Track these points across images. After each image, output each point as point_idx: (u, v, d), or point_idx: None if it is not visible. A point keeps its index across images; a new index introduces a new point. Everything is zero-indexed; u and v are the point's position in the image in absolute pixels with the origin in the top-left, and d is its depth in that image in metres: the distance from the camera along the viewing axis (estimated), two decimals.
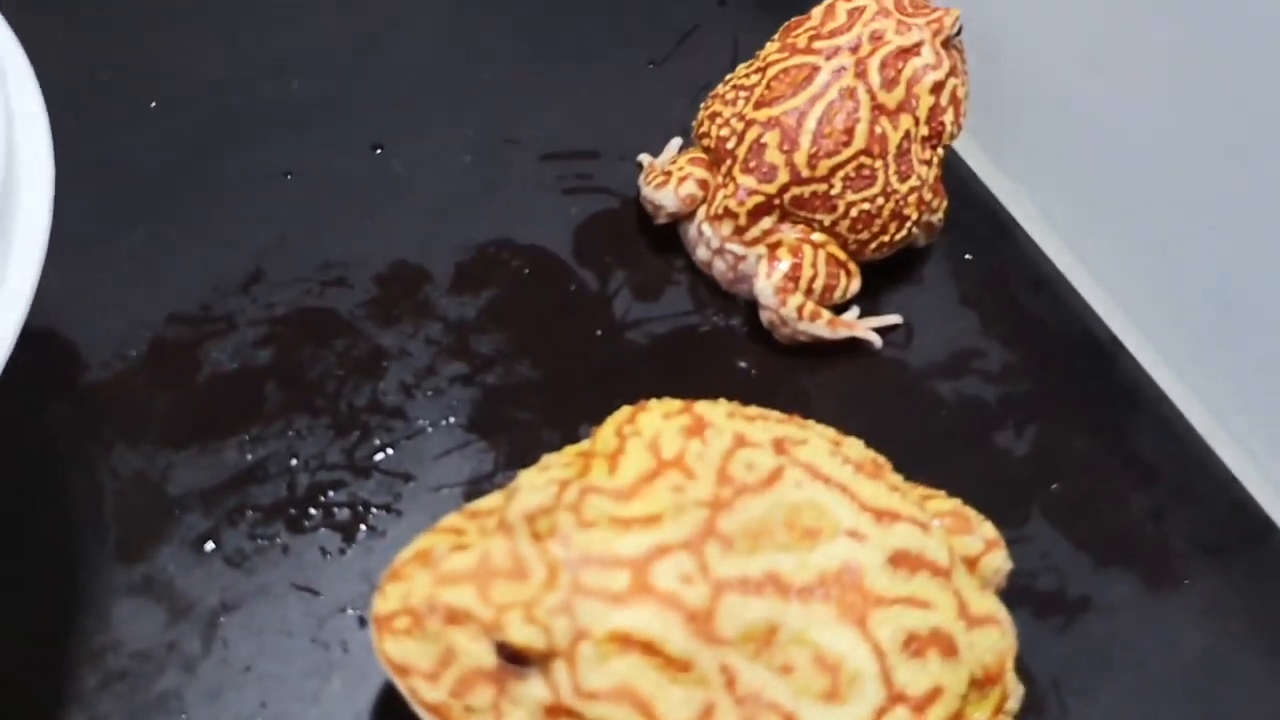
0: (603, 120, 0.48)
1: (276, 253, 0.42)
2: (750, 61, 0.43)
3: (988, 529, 0.34)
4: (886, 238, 0.41)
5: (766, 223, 0.41)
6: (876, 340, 0.42)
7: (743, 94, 0.42)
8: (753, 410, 0.33)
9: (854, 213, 0.40)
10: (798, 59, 0.41)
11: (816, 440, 0.33)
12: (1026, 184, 0.48)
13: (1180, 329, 0.44)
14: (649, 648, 0.28)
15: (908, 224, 0.42)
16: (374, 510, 0.37)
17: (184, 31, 0.47)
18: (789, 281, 0.40)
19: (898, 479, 0.33)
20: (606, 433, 0.32)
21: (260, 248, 0.42)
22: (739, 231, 0.41)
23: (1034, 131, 0.47)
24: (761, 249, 0.41)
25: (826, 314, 0.41)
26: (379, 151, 0.45)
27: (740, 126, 0.41)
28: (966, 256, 0.46)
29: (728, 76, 0.43)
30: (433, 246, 0.43)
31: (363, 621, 0.34)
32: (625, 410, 0.33)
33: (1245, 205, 0.40)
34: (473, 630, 0.28)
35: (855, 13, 0.41)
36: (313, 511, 0.36)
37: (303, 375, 0.39)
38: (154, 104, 0.45)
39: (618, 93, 0.49)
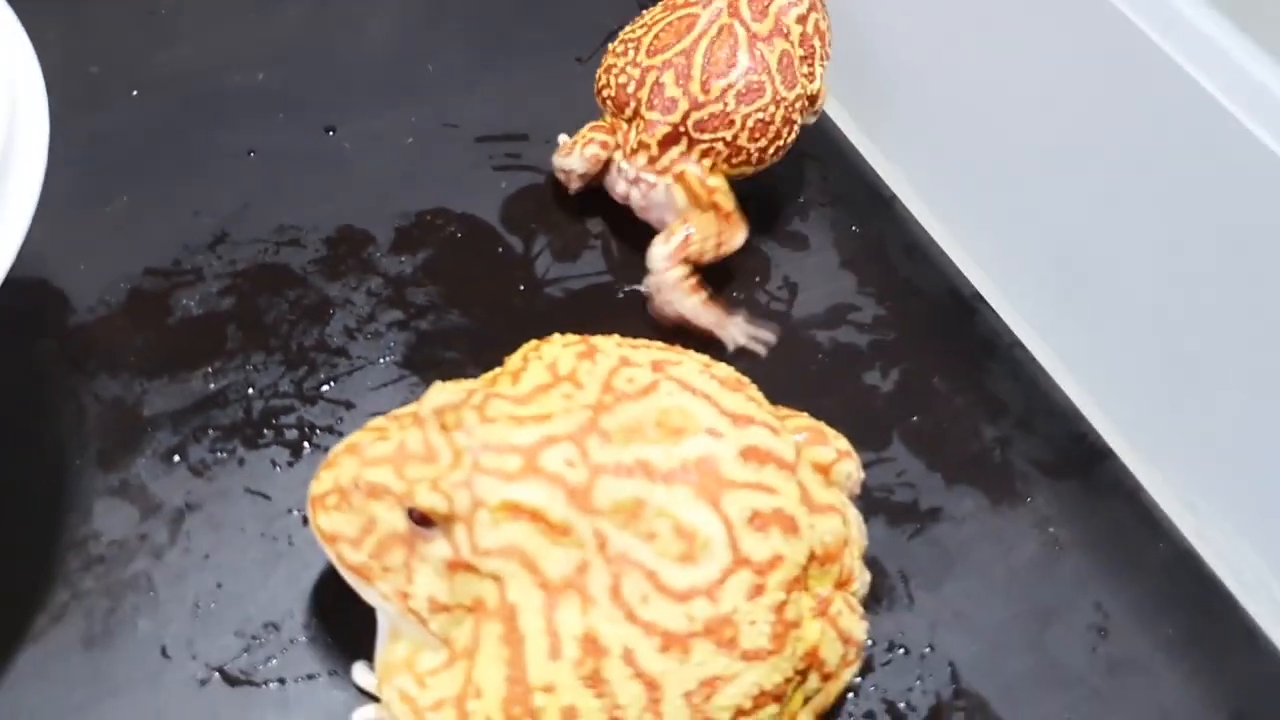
0: (533, 108, 0.54)
1: (239, 218, 0.48)
2: (637, 19, 0.49)
3: (841, 442, 0.40)
4: (781, 141, 0.47)
5: (674, 152, 0.47)
6: (731, 342, 0.47)
7: (632, 46, 0.48)
8: (639, 341, 0.40)
9: (750, 123, 0.46)
10: (679, 12, 0.48)
11: (689, 363, 0.39)
12: (901, 162, 0.54)
13: (1033, 285, 0.50)
14: (535, 515, 0.34)
15: (797, 126, 0.48)
16: (318, 431, 0.43)
17: (161, 29, 0.53)
18: (680, 250, 0.46)
19: (757, 393, 0.39)
20: (515, 357, 0.38)
21: (226, 214, 0.48)
22: (652, 161, 0.47)
23: (905, 113, 0.54)
24: (669, 178, 0.47)
25: (703, 294, 0.47)
26: (331, 133, 0.51)
27: (637, 74, 0.47)
28: (852, 228, 0.52)
29: (619, 34, 0.49)
30: (376, 214, 0.49)
31: (306, 521, 0.40)
32: (533, 341, 0.39)
33: (1086, 176, 0.47)
34: (389, 502, 0.34)
35: None
36: (266, 431, 0.42)
37: (260, 320, 0.45)
38: (135, 92, 0.51)
39: (548, 85, 0.55)
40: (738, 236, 0.48)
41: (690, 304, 0.47)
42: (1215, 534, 0.45)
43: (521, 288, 0.48)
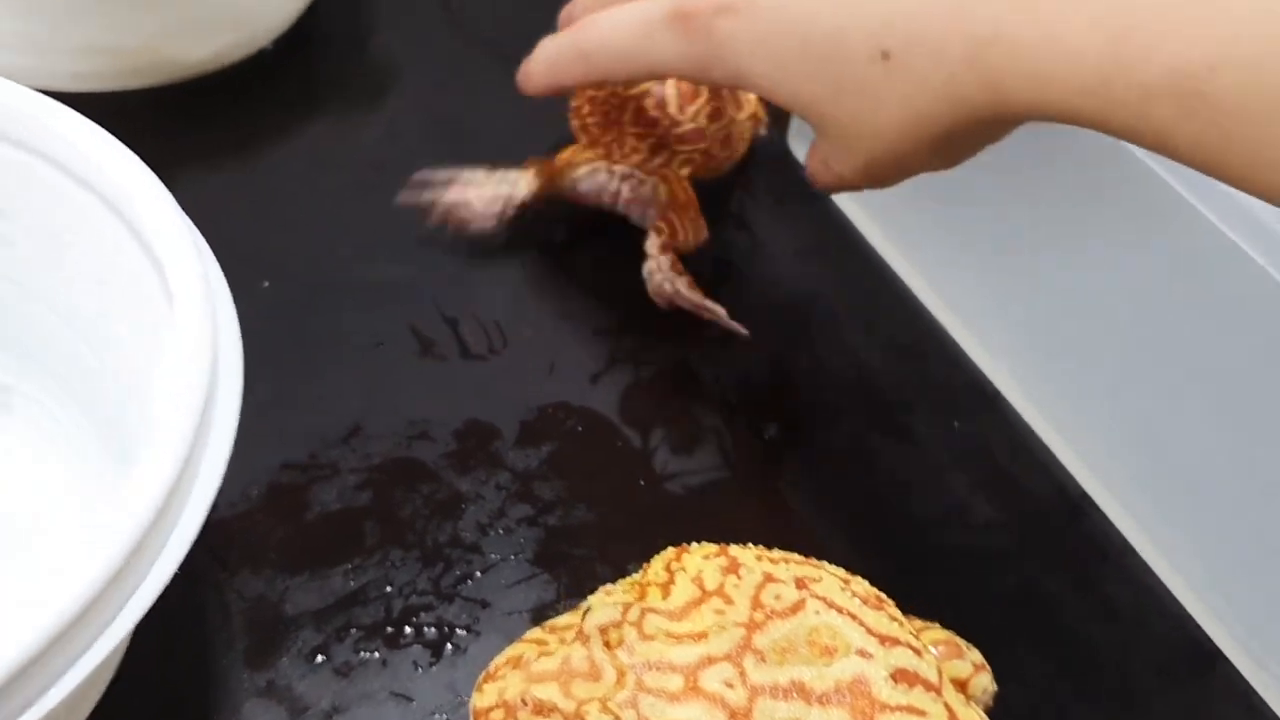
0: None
1: (371, 411, 0.49)
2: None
3: (975, 655, 0.41)
4: (735, 153, 0.59)
5: (658, 161, 0.57)
6: (714, 316, 0.54)
7: (602, 93, 0.57)
8: (776, 553, 0.41)
9: (720, 136, 0.57)
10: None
11: (830, 578, 0.40)
12: (1007, 361, 0.56)
13: (1145, 488, 0.51)
14: None
15: (748, 140, 0.60)
16: (457, 630, 0.43)
17: (291, 221, 0.55)
18: (669, 241, 0.55)
19: (897, 612, 0.40)
20: (657, 567, 0.39)
21: (358, 406, 0.49)
22: (642, 163, 0.57)
23: (1016, 319, 0.55)
24: (655, 178, 0.56)
25: (688, 277, 0.55)
26: (455, 326, 0.53)
27: (617, 102, 0.56)
28: (954, 424, 0.53)
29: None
30: (500, 407, 0.50)
31: None
32: (670, 550, 0.40)
33: (1194, 381, 0.48)
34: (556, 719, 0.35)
35: None
36: (406, 630, 0.43)
37: (395, 515, 0.46)
38: (266, 283, 0.53)
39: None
40: (703, 229, 0.56)
41: (681, 284, 0.54)
42: None
43: (642, 482, 0.49)
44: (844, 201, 0.60)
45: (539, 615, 0.44)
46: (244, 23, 0.59)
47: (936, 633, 0.42)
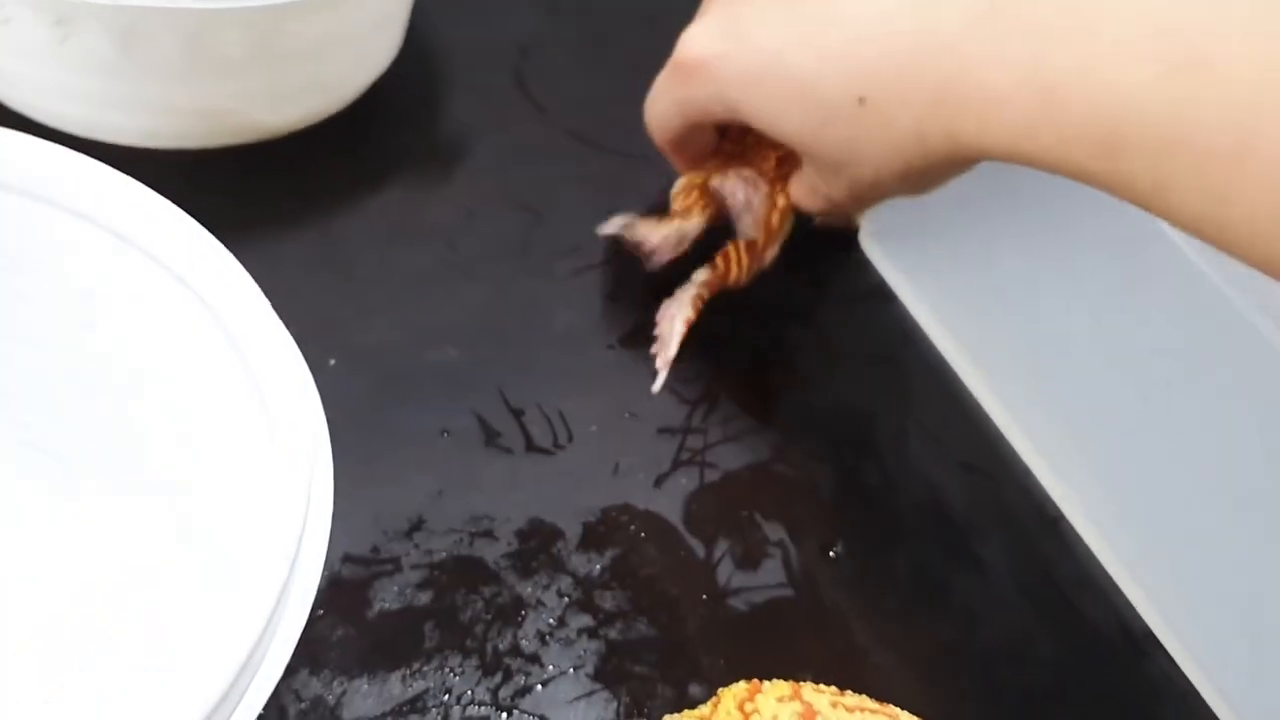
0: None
1: (434, 504, 0.48)
2: None
3: None
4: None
5: (783, 171, 0.55)
6: (658, 367, 0.55)
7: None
8: (850, 699, 0.40)
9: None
10: None
11: None
12: (1075, 486, 0.55)
13: (1207, 630, 0.50)
14: None
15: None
16: None
17: (358, 302, 0.55)
18: (717, 280, 0.55)
19: None
20: (729, 705, 0.39)
21: (421, 499, 0.48)
22: (766, 173, 0.55)
23: (1090, 441, 0.54)
24: (771, 187, 0.55)
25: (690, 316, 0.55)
26: (520, 417, 0.52)
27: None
28: (1019, 550, 0.53)
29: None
30: (563, 507, 0.50)
31: None
32: (742, 687, 0.39)
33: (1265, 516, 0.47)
34: None
35: None
36: None
37: (456, 618, 0.45)
38: (333, 361, 0.52)
39: (725, 377, 0.56)
40: (767, 260, 0.56)
41: (680, 322, 0.55)
42: None
43: (704, 596, 0.48)
44: (916, 308, 0.60)
45: None
46: (330, 89, 0.58)
47: None
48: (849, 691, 0.41)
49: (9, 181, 0.39)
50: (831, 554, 0.50)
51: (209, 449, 0.38)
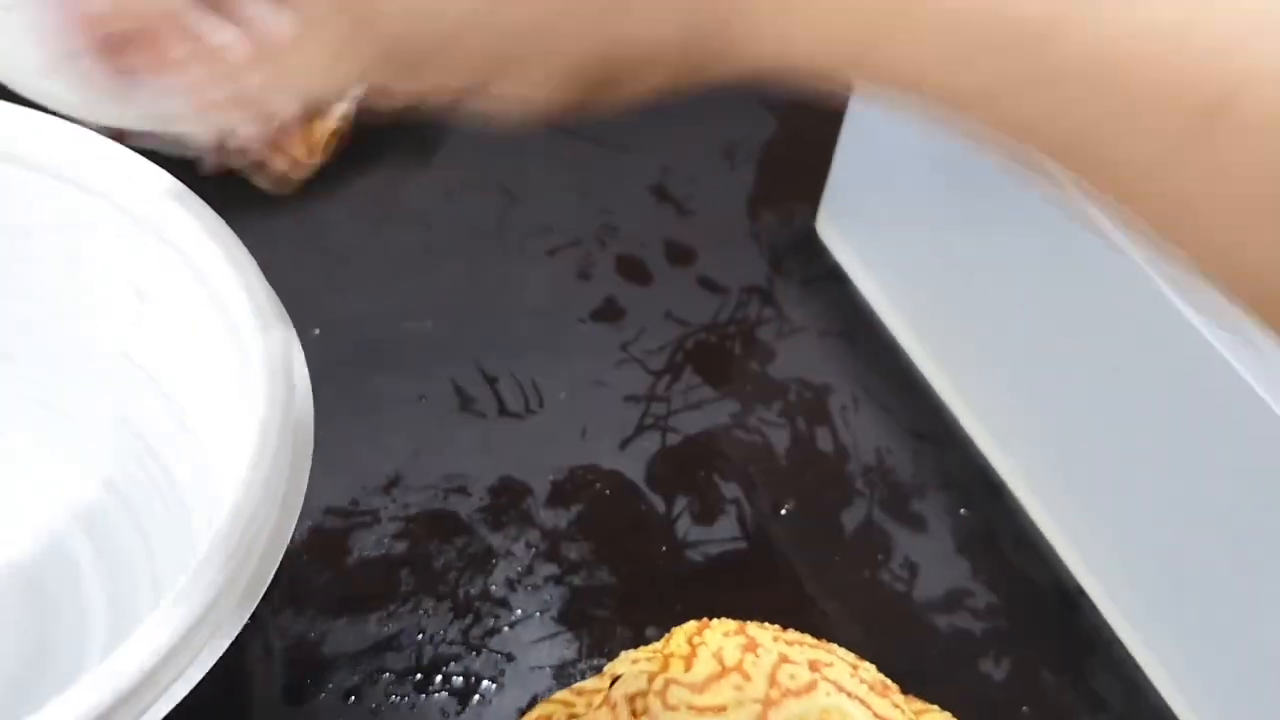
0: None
1: (412, 462, 0.52)
2: None
3: None
4: None
5: None
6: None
7: None
8: (791, 635, 0.43)
9: None
10: None
11: (840, 663, 0.43)
12: (1015, 453, 0.58)
13: (1136, 585, 0.54)
14: None
15: None
16: (483, 682, 0.46)
17: (341, 277, 0.58)
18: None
19: (900, 699, 0.43)
20: (679, 639, 0.42)
21: (399, 458, 0.52)
22: None
23: (1030, 412, 0.58)
24: None
25: None
26: (495, 384, 0.56)
27: None
28: (961, 511, 0.56)
29: None
30: (534, 466, 0.53)
31: None
32: (692, 624, 0.43)
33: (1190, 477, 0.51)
34: None
35: None
36: (435, 679, 0.45)
37: (430, 565, 0.49)
38: (316, 331, 0.55)
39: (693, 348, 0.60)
40: None
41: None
42: None
43: (663, 548, 0.52)
44: (868, 288, 0.63)
45: (560, 672, 0.47)
46: None
47: (935, 716, 0.44)
48: (791, 629, 0.44)
49: (18, 155, 0.42)
50: (783, 511, 0.54)
51: (198, 394, 0.42)
